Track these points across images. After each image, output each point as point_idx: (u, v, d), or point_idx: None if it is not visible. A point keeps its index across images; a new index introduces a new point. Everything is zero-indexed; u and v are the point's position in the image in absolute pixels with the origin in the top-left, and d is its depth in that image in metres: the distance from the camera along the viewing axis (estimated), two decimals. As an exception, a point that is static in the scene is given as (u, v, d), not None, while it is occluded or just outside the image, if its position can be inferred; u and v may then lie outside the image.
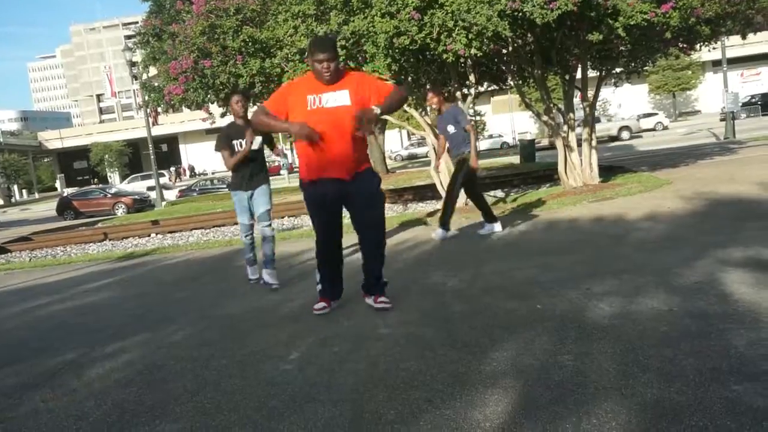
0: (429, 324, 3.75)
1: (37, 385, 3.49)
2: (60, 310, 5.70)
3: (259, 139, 5.42)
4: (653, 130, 40.60)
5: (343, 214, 4.23)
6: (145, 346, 4.04)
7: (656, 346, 2.93)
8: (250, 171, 5.49)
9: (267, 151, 5.66)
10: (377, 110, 3.83)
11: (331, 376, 3.07)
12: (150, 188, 30.32)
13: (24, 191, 66.22)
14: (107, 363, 3.74)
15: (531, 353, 3.03)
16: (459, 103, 9.67)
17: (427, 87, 7.02)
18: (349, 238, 4.53)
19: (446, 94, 7.70)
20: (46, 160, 72.93)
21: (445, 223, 6.74)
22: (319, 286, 4.38)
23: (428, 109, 9.59)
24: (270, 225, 5.62)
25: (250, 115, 4.66)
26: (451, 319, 3.80)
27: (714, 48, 12.61)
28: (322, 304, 4.30)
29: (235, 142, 5.46)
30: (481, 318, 3.70)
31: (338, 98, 3.88)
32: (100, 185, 39.31)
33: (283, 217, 13.32)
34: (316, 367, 3.23)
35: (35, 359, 4.03)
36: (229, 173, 5.63)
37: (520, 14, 7.45)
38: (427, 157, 30.96)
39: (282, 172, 36.55)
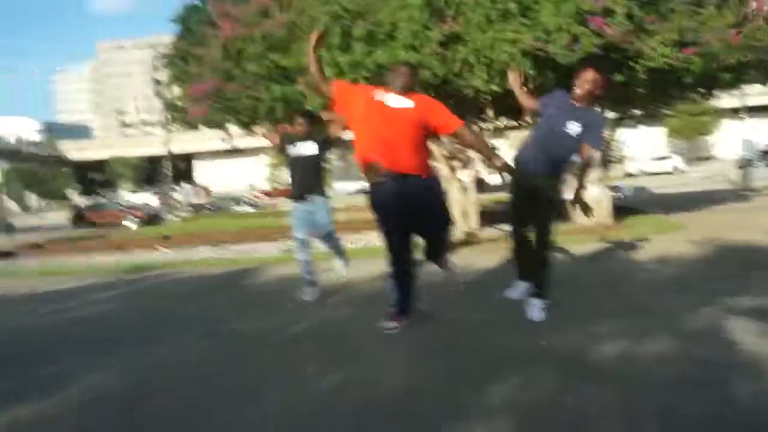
0: (431, 354, 3.77)
1: (23, 394, 3.51)
2: (62, 319, 5.73)
3: (312, 144, 5.45)
4: (669, 173, 40.42)
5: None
6: (140, 362, 4.05)
7: (659, 391, 2.93)
8: (306, 180, 5.47)
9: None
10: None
11: (329, 403, 3.08)
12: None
13: (41, 201, 66.92)
14: (99, 376, 3.76)
15: (533, 391, 3.04)
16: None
17: None
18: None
19: None
20: (64, 170, 73.77)
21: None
22: (392, 308, 4.31)
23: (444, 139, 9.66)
24: (333, 242, 5.71)
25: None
26: (455, 351, 3.81)
27: (734, 95, 12.64)
28: (393, 324, 4.26)
29: (290, 146, 5.51)
30: (484, 351, 3.71)
31: (402, 102, 4.10)
32: (112, 198, 39.71)
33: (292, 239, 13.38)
34: (316, 391, 3.25)
35: (27, 367, 4.06)
36: (244, 193, 5.72)
37: (543, 54, 7.55)
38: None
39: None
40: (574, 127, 4.18)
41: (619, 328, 4.00)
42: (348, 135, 4.82)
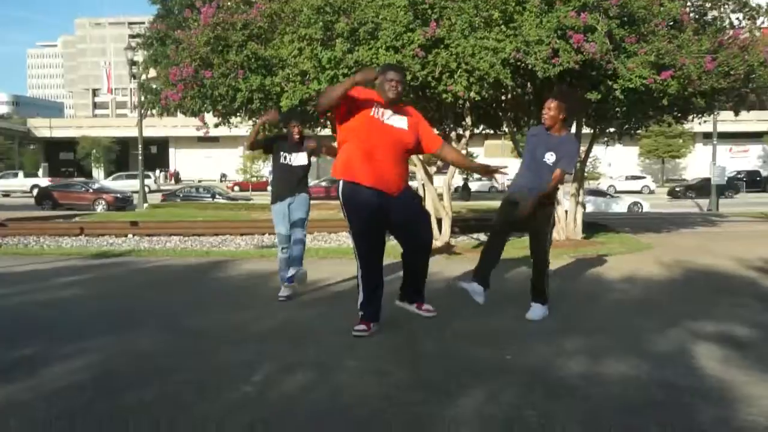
0: (397, 361, 3.71)
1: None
2: (24, 302, 5.57)
3: (304, 155, 5.52)
4: (639, 192, 41.06)
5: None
6: (106, 350, 3.95)
7: (621, 412, 2.92)
8: (294, 183, 5.56)
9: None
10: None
11: (291, 405, 3.01)
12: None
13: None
14: (65, 363, 3.65)
15: (496, 404, 2.99)
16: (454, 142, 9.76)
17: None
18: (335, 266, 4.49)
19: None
20: (32, 147, 72.14)
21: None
22: (361, 312, 4.25)
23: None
24: (303, 231, 5.60)
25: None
26: (420, 359, 3.76)
27: (706, 121, 12.87)
28: (362, 327, 4.19)
29: (282, 153, 5.53)
30: (450, 361, 3.67)
31: (398, 121, 4.15)
32: (83, 179, 38.97)
33: (264, 234, 13.24)
34: (278, 393, 3.17)
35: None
36: (216, 183, 5.66)
37: (523, 65, 7.56)
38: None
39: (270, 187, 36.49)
40: (549, 157, 4.65)
41: (585, 345, 3.99)
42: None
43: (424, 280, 4.47)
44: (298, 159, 5.57)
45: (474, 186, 44.92)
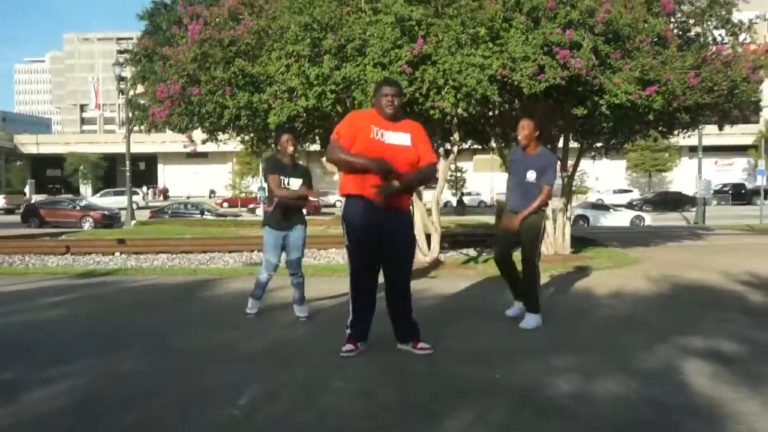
0: (384, 382, 3.68)
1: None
2: (8, 323, 5.49)
3: (299, 181, 5.31)
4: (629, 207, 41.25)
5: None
6: (89, 373, 3.89)
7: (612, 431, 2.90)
8: (290, 211, 5.34)
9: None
10: (398, 185, 3.99)
11: (276, 428, 2.97)
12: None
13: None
14: (46, 388, 3.58)
15: (484, 426, 2.96)
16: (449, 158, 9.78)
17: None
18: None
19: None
20: (19, 164, 71.65)
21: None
22: (349, 330, 4.20)
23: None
24: (299, 275, 5.43)
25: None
26: (408, 380, 3.72)
27: (691, 135, 12.99)
28: (349, 347, 4.14)
29: (282, 178, 5.31)
30: (437, 381, 3.64)
31: (400, 138, 4.09)
32: (70, 196, 38.73)
33: (252, 251, 13.17)
34: (264, 415, 3.13)
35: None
36: (205, 200, 5.57)
37: (510, 81, 7.60)
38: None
39: (259, 203, 36.42)
40: (531, 175, 5.04)
41: (573, 363, 3.97)
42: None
43: (410, 309, 4.29)
44: (295, 184, 5.33)
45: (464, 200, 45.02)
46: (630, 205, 38.22)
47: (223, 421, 3.03)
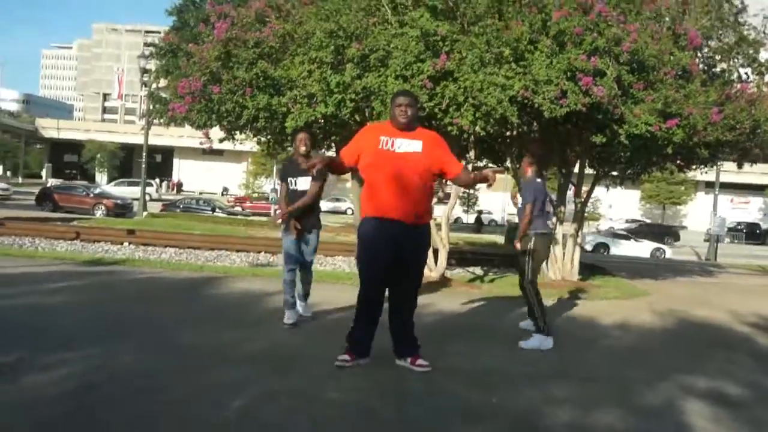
0: (381, 396, 3.65)
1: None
2: (13, 305, 5.52)
3: (308, 179, 5.29)
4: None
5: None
6: (89, 362, 3.90)
7: (605, 467, 2.85)
8: (305, 214, 5.35)
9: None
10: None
11: (269, 435, 2.95)
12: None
13: (8, 173, 65.54)
14: (45, 374, 3.59)
15: (478, 450, 2.93)
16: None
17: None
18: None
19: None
20: (38, 147, 72.38)
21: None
22: (347, 344, 4.18)
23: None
24: (310, 273, 5.58)
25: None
26: (405, 396, 3.69)
27: (709, 171, 12.89)
28: (346, 357, 4.12)
29: (290, 179, 5.37)
30: (435, 401, 3.60)
31: (411, 146, 4.07)
32: (85, 183, 39.01)
33: (260, 252, 13.18)
34: (257, 422, 3.11)
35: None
36: (217, 197, 5.58)
37: (530, 103, 7.58)
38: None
39: (271, 205, 36.54)
40: (519, 200, 5.66)
41: (573, 393, 3.93)
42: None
43: (412, 326, 4.27)
44: (304, 184, 5.35)
45: (472, 218, 44.84)
46: (612, 233, 38.13)
47: (215, 424, 3.01)
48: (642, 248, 26.35)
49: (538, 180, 5.75)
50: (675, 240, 37.47)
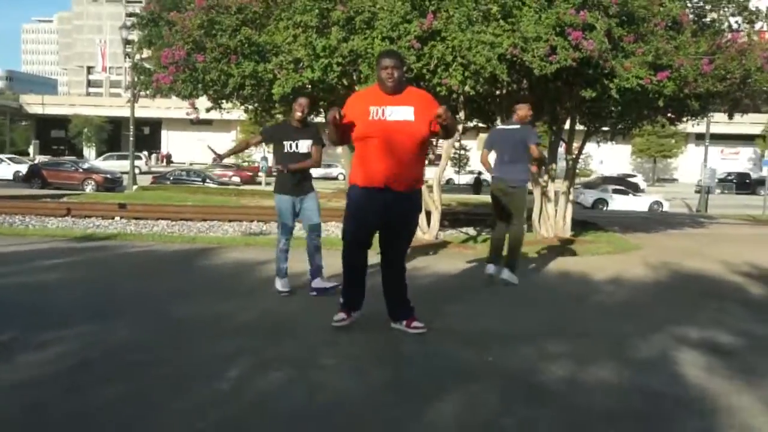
0: (377, 360, 3.67)
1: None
2: (5, 285, 5.48)
3: (307, 142, 5.28)
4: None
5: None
6: (83, 339, 3.88)
7: (603, 421, 2.88)
8: (299, 175, 5.32)
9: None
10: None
11: (265, 403, 2.96)
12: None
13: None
14: (39, 352, 3.58)
15: (475, 409, 2.95)
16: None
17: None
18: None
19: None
20: (24, 124, 71.46)
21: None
22: (341, 299, 4.25)
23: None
24: (320, 236, 5.50)
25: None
26: (401, 358, 3.72)
27: (700, 122, 12.85)
28: (341, 316, 4.17)
29: (288, 142, 5.29)
30: (431, 362, 3.62)
31: (402, 113, 3.95)
32: (74, 158, 38.64)
33: (252, 221, 13.15)
34: (253, 390, 3.12)
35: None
36: (206, 166, 5.51)
37: (520, 61, 7.49)
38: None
39: (260, 173, 36.39)
40: (530, 141, 6.08)
41: (567, 349, 3.95)
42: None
43: (405, 288, 4.27)
44: (303, 146, 5.30)
45: (464, 179, 44.75)
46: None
47: (211, 395, 3.01)
48: (640, 202, 26.57)
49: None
50: (635, 191, 37.56)
